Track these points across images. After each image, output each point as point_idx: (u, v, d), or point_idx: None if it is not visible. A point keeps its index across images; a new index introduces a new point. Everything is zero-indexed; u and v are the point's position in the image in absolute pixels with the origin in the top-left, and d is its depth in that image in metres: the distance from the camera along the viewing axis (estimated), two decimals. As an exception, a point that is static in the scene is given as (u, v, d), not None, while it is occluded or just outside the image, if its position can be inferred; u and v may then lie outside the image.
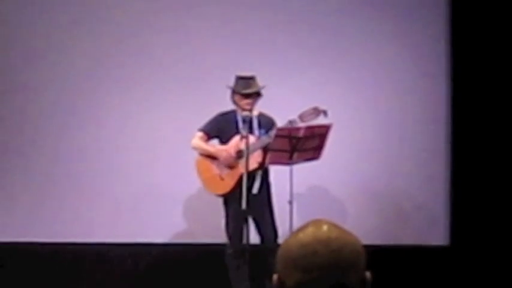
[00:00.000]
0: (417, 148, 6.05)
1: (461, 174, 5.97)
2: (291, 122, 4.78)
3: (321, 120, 4.81)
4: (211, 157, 5.07)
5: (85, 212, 6.01)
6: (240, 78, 5.05)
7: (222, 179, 5.02)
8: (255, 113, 5.09)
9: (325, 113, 4.80)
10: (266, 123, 5.04)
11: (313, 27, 6.06)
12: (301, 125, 4.77)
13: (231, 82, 5.08)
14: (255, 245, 4.97)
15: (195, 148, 5.10)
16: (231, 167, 4.99)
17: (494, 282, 5.69)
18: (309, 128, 4.76)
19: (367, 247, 1.42)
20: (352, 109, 5.94)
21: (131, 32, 6.09)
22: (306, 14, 6.07)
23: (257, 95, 5.04)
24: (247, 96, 4.99)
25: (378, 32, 6.05)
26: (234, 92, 5.04)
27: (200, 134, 5.10)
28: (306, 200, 5.85)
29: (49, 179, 6.07)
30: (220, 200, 5.12)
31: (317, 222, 1.43)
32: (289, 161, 4.85)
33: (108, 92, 6.10)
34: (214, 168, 5.06)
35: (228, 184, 4.97)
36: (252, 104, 5.01)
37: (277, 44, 6.04)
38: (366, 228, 5.44)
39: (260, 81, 5.08)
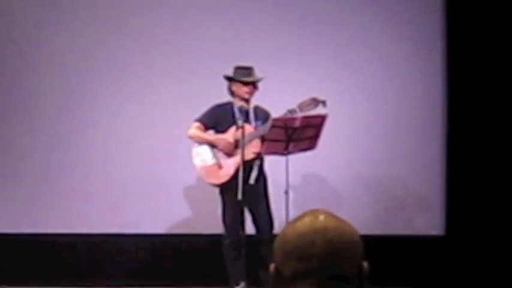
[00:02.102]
0: (413, 139, 6.06)
1: (456, 164, 5.98)
2: (290, 111, 4.77)
3: (319, 111, 4.80)
4: (210, 146, 5.06)
5: (82, 203, 6.01)
6: (239, 68, 5.04)
7: (220, 168, 5.01)
8: (251, 105, 5.09)
9: (324, 103, 4.78)
10: (262, 115, 5.04)
11: (311, 21, 6.06)
12: (299, 114, 4.77)
13: (227, 73, 5.07)
14: (251, 236, 4.98)
15: (192, 137, 5.08)
16: (229, 155, 4.99)
17: (489, 271, 5.71)
18: (305, 118, 4.75)
19: (363, 237, 1.42)
20: (348, 99, 5.94)
21: (127, 25, 6.08)
22: (304, 7, 6.06)
23: (254, 86, 5.04)
24: (247, 84, 4.99)
25: (376, 26, 6.05)
26: (233, 80, 5.03)
27: (197, 124, 5.09)
28: (302, 190, 5.86)
29: (46, 170, 6.07)
30: (218, 191, 5.12)
31: (314, 212, 1.43)
32: (285, 151, 4.86)
33: (105, 84, 6.09)
34: (212, 158, 5.04)
35: (227, 173, 4.96)
36: (251, 94, 5.01)
37: (274, 36, 6.03)
38: (361, 218, 5.45)
39: (258, 73, 5.07)
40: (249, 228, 5.00)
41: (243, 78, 4.99)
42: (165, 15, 6.08)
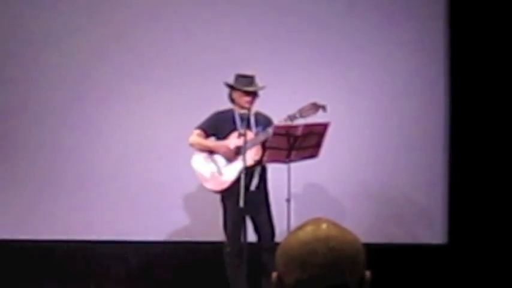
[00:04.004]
0: (415, 147, 6.05)
1: (458, 172, 5.98)
2: (290, 116, 4.77)
3: (320, 115, 4.80)
4: (210, 153, 5.06)
5: (82, 209, 6.01)
6: (240, 76, 5.04)
7: (220, 174, 5.02)
8: (252, 111, 5.08)
9: (324, 108, 4.78)
10: (263, 121, 5.04)
11: (311, 25, 6.06)
12: (300, 120, 4.77)
13: (230, 80, 5.07)
14: (252, 243, 4.97)
15: (193, 145, 5.09)
16: (230, 162, 4.99)
17: (492, 280, 5.70)
18: (307, 126, 4.75)
19: (365, 245, 1.42)
20: (350, 107, 5.95)
21: (130, 29, 6.09)
22: (304, 12, 6.07)
23: (255, 94, 5.04)
24: (248, 94, 4.98)
25: (377, 30, 6.05)
26: (234, 89, 5.02)
27: (198, 131, 5.10)
28: (304, 198, 5.85)
29: (46, 177, 6.07)
30: (219, 198, 5.12)
31: (316, 221, 1.43)
32: (287, 159, 4.85)
33: (106, 90, 6.09)
34: (212, 165, 5.05)
35: (227, 180, 4.97)
36: (251, 103, 5.01)
37: (275, 42, 6.03)
38: (363, 227, 5.43)
39: (258, 79, 5.07)
40: (251, 235, 5.00)
41: (243, 87, 4.99)
42: (168, 22, 6.08)
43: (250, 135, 4.89)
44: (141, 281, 5.95)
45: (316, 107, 4.78)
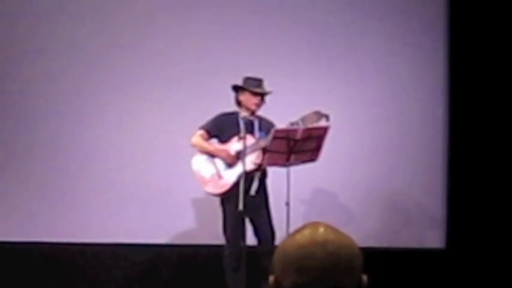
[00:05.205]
0: (415, 151, 6.05)
1: (458, 177, 5.98)
2: (292, 124, 4.76)
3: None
4: (210, 156, 5.06)
5: (82, 212, 6.00)
6: (248, 79, 5.04)
7: (220, 178, 5.02)
8: (256, 116, 5.08)
9: (327, 117, 4.76)
10: (266, 126, 5.03)
11: (312, 29, 6.07)
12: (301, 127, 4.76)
13: (231, 83, 5.07)
14: (252, 247, 4.97)
15: (194, 145, 5.09)
16: (230, 166, 4.99)
17: (490, 285, 5.69)
18: (307, 129, 4.74)
19: (364, 250, 1.42)
20: (350, 111, 5.95)
21: (131, 31, 6.09)
22: (306, 16, 6.08)
23: (262, 99, 5.03)
24: (256, 95, 4.99)
25: (377, 33, 6.06)
26: (242, 90, 5.02)
27: (201, 131, 5.10)
28: (303, 201, 5.86)
29: (46, 179, 6.06)
30: (219, 201, 5.12)
31: (314, 225, 1.43)
32: (287, 162, 4.85)
33: (107, 91, 6.10)
34: (212, 168, 5.05)
35: (226, 184, 4.96)
36: (259, 105, 5.01)
37: (276, 45, 6.04)
38: (362, 231, 5.44)
39: (267, 86, 5.07)
40: (251, 239, 4.99)
41: (254, 88, 5.00)
42: (170, 22, 6.08)
43: (251, 139, 4.89)
44: (141, 284, 5.95)
45: (319, 116, 4.74)
